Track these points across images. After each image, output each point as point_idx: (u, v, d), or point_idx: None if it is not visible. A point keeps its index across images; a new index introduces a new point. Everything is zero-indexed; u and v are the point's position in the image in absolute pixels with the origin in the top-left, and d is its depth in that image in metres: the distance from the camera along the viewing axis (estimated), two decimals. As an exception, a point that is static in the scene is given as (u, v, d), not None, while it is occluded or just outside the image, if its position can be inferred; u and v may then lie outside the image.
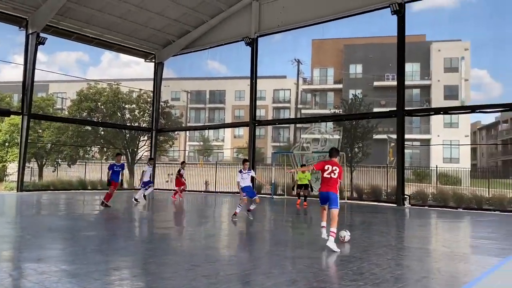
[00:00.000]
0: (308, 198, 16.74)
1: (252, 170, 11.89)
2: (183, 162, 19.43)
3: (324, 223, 8.25)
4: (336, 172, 7.97)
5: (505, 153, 49.57)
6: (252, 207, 11.29)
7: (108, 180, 14.03)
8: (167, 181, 25.04)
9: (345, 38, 38.76)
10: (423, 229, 11.47)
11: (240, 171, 11.20)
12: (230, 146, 52.34)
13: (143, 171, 17.24)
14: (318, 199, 8.29)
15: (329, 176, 7.94)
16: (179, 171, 18.75)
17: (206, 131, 53.39)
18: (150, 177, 17.21)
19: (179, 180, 18.59)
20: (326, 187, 7.97)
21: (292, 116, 47.28)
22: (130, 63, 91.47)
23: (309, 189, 16.98)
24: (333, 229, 7.53)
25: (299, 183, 16.94)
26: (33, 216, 12.04)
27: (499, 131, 52.22)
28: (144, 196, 16.84)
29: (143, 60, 28.70)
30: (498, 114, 47.68)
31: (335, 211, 7.87)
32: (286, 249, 7.46)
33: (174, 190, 19.05)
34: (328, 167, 8.00)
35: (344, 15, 20.63)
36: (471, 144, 44.48)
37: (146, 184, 16.79)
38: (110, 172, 13.86)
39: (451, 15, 41.15)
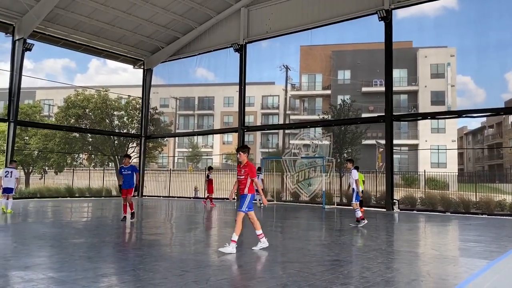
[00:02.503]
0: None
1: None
2: (210, 168, 19.96)
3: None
4: (243, 172, 7.66)
5: (491, 157, 50.27)
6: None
7: (119, 186, 12.68)
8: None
9: (333, 44, 39.05)
10: (412, 233, 11.54)
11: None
12: (219, 152, 52.25)
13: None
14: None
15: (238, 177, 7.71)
16: (207, 176, 19.35)
17: (195, 137, 53.24)
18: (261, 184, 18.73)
19: (211, 186, 19.24)
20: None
21: (281, 122, 47.39)
22: (118, 70, 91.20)
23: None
24: (235, 236, 7.38)
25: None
26: (19, 224, 11.85)
27: (485, 136, 52.98)
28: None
29: (131, 66, 28.62)
30: (484, 119, 48.45)
31: (238, 215, 7.57)
32: (276, 254, 7.44)
33: (210, 197, 19.65)
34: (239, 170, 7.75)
35: (332, 21, 20.83)
36: (458, 149, 45.06)
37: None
38: (122, 177, 12.48)
39: (436, 22, 41.72)
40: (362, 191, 16.58)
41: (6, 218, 12.86)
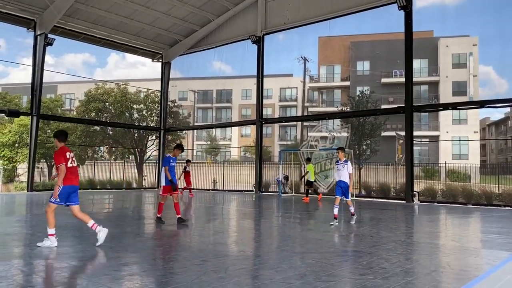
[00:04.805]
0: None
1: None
2: (188, 161, 20.25)
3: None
4: (74, 158, 6.98)
5: (515, 149, 49.10)
6: None
7: (171, 181, 9.85)
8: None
9: (352, 35, 38.61)
10: (433, 224, 11.40)
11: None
12: (237, 145, 52.41)
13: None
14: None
15: (72, 164, 6.86)
16: (185, 168, 19.74)
17: (214, 130, 53.52)
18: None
19: (188, 178, 19.63)
20: (76, 178, 6.99)
21: (299, 114, 47.21)
22: (136, 64, 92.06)
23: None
24: (51, 230, 6.76)
25: (311, 179, 18.24)
26: (43, 215, 12.12)
27: (508, 126, 51.73)
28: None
29: (149, 60, 28.87)
30: (507, 109, 47.23)
31: (48, 206, 6.87)
32: (295, 245, 7.46)
33: (188, 188, 20.27)
34: (69, 154, 6.88)
35: (351, 12, 20.53)
36: (480, 140, 44.16)
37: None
38: (167, 168, 9.90)
39: (457, 11, 40.83)
40: (314, 181, 18.72)
41: (30, 209, 13.20)
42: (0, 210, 13.38)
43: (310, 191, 18.67)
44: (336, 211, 9.92)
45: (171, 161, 10.04)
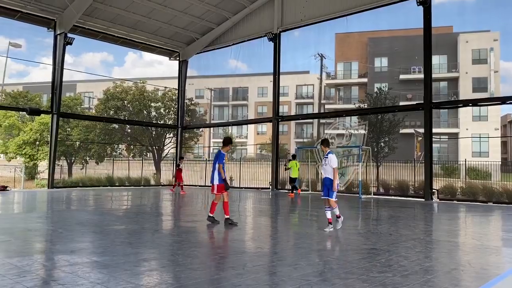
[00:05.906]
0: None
1: None
2: (181, 158, 20.72)
3: None
4: None
5: (537, 146, 47.99)
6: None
7: (223, 180, 9.23)
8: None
9: (369, 31, 38.22)
10: (452, 222, 11.25)
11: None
12: (253, 143, 52.44)
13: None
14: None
15: None
16: (178, 165, 20.44)
17: (230, 128, 53.60)
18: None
19: (180, 175, 20.12)
20: None
21: (316, 111, 46.95)
22: (153, 62, 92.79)
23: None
24: None
25: (293, 176, 18.88)
26: (64, 211, 12.36)
27: (530, 123, 50.60)
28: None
29: (166, 59, 29.05)
30: (530, 106, 46.21)
31: None
32: (312, 242, 7.45)
33: (173, 184, 20.93)
34: None
35: (369, 7, 20.31)
36: (501, 137, 43.31)
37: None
38: (222, 166, 9.20)
39: (478, 5, 39.99)
40: (296, 178, 19.11)
41: (51, 206, 13.44)
42: (22, 207, 13.67)
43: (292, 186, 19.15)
44: (329, 214, 8.63)
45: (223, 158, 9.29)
